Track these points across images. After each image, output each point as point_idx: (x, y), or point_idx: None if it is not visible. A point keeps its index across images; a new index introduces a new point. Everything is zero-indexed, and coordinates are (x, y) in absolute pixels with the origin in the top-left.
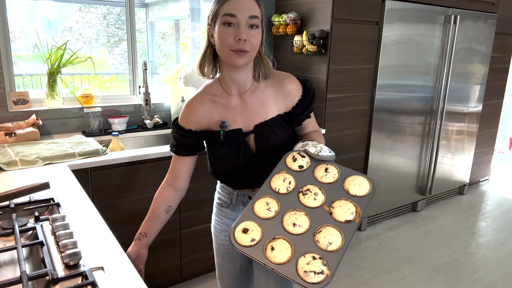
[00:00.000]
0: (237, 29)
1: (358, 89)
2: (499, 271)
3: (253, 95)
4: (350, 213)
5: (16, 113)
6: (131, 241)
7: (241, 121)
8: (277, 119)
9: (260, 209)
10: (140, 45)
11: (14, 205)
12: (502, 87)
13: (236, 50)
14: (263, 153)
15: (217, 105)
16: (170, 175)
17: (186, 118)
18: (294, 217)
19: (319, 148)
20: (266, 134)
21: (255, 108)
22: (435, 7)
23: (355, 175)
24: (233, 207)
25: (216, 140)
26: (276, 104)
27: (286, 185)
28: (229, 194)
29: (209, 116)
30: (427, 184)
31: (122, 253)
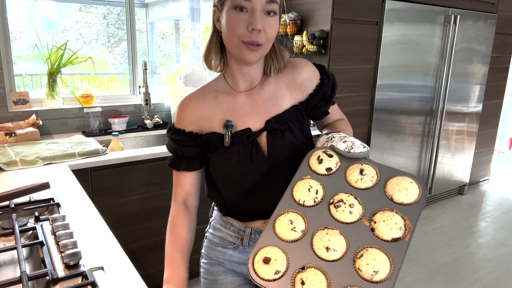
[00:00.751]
0: (251, 16)
1: (358, 89)
2: (499, 271)
3: (263, 90)
4: (398, 229)
5: (16, 113)
6: (131, 241)
7: (250, 120)
8: (292, 111)
9: (283, 230)
10: (140, 45)
11: (14, 205)
12: (502, 87)
13: (248, 43)
14: (278, 155)
15: (220, 103)
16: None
17: (182, 118)
18: (326, 239)
19: (350, 143)
20: (280, 129)
21: (267, 104)
22: (435, 7)
23: (399, 176)
24: (243, 248)
25: (219, 145)
26: (290, 94)
27: (313, 195)
28: (238, 232)
29: (210, 116)
30: (427, 184)
31: (122, 253)
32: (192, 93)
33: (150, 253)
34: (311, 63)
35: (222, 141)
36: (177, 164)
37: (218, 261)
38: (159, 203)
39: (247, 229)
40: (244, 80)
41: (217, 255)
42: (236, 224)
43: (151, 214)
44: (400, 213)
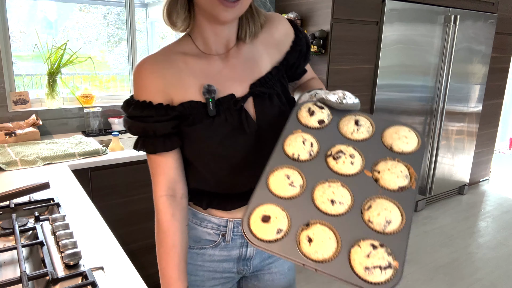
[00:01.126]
0: None
1: (358, 89)
2: (499, 271)
3: (240, 52)
4: (404, 177)
5: (16, 113)
6: (131, 241)
7: (232, 86)
8: (275, 73)
9: (279, 186)
10: (140, 45)
11: (14, 205)
12: (502, 87)
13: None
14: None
15: (192, 68)
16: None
17: (146, 87)
18: (330, 191)
19: (341, 94)
20: (268, 93)
21: (246, 67)
22: (435, 7)
23: (397, 126)
24: (226, 244)
25: (201, 116)
26: (268, 54)
27: (308, 148)
28: (218, 228)
29: (182, 82)
30: (427, 184)
31: (122, 253)
32: (153, 54)
33: (150, 253)
34: (284, 17)
35: (203, 111)
36: (150, 146)
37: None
38: None
39: (229, 224)
40: (218, 42)
41: (193, 257)
42: (214, 220)
43: (151, 214)
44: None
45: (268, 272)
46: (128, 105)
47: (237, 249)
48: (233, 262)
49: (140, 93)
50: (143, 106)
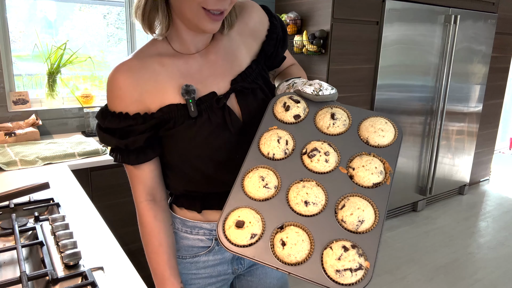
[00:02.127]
0: None
1: (358, 89)
2: (499, 271)
3: (217, 47)
4: (378, 173)
5: (16, 113)
6: (131, 241)
7: (212, 84)
8: (255, 67)
9: (254, 188)
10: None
11: (14, 205)
12: (502, 87)
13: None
14: (253, 117)
15: (169, 69)
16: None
17: (120, 97)
18: (304, 192)
19: (317, 85)
20: (250, 88)
21: (226, 62)
22: (435, 7)
23: (372, 117)
24: (219, 248)
25: (182, 118)
26: (245, 45)
27: (283, 146)
28: (210, 234)
29: (159, 86)
30: (427, 184)
31: (122, 253)
32: (127, 61)
33: None
34: (257, 4)
35: (184, 113)
36: (125, 158)
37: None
38: None
39: None
40: (196, 42)
41: (187, 267)
42: (206, 226)
43: None
44: (379, 156)
45: (261, 266)
46: (103, 116)
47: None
48: (227, 264)
49: (115, 103)
50: (120, 117)
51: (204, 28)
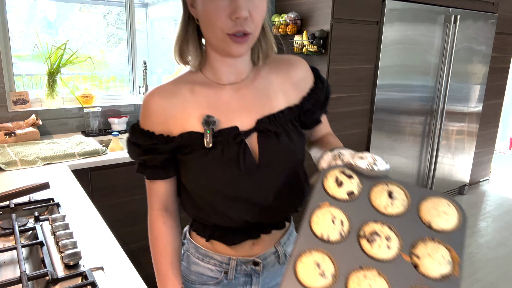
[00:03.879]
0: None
1: (358, 89)
2: (499, 271)
3: (253, 85)
4: (446, 263)
5: (16, 113)
6: (131, 241)
7: (237, 119)
8: (287, 113)
9: (309, 276)
10: (140, 45)
11: (14, 205)
12: (502, 87)
13: (233, 35)
14: (271, 162)
15: (197, 98)
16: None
17: (148, 117)
18: (366, 284)
19: (370, 159)
20: (276, 132)
21: (257, 101)
22: (435, 7)
23: (433, 198)
24: (229, 282)
25: (198, 147)
26: (283, 93)
27: (338, 227)
28: (220, 266)
29: (184, 112)
30: (427, 184)
31: (122, 253)
32: (161, 85)
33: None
34: (306, 63)
35: (201, 142)
36: (146, 172)
37: None
38: None
39: (231, 261)
40: (229, 73)
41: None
42: (217, 257)
43: None
44: (444, 243)
45: None
46: (133, 131)
47: (241, 287)
48: None
49: (144, 122)
50: (146, 135)
51: (230, 51)
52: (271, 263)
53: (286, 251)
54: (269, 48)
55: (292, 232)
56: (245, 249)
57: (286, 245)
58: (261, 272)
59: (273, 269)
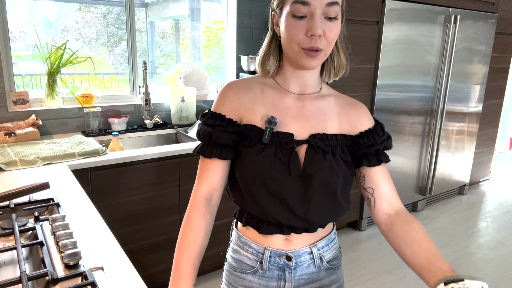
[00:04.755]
0: (309, 20)
1: (358, 89)
2: (499, 271)
3: (315, 102)
4: None
5: (16, 113)
6: (131, 241)
7: (294, 126)
8: (340, 138)
9: None
10: (140, 45)
11: (14, 205)
12: (502, 87)
13: (308, 49)
14: (313, 175)
15: (266, 98)
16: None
17: (224, 103)
18: None
19: None
20: (324, 150)
21: (315, 117)
22: (435, 7)
23: None
24: (263, 273)
25: (256, 140)
26: (339, 124)
27: None
28: (257, 255)
29: (253, 107)
30: (427, 184)
31: (122, 253)
32: (238, 80)
33: (150, 253)
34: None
35: (260, 137)
36: (208, 151)
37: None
38: (159, 203)
39: (266, 252)
40: (297, 84)
41: (236, 280)
42: (254, 246)
43: (151, 214)
44: None
45: None
46: (205, 115)
47: (275, 281)
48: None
49: (218, 107)
50: (217, 116)
51: (303, 64)
52: (306, 262)
53: (324, 256)
54: (340, 67)
55: (333, 240)
56: (279, 243)
57: (324, 250)
58: (293, 268)
59: (308, 270)
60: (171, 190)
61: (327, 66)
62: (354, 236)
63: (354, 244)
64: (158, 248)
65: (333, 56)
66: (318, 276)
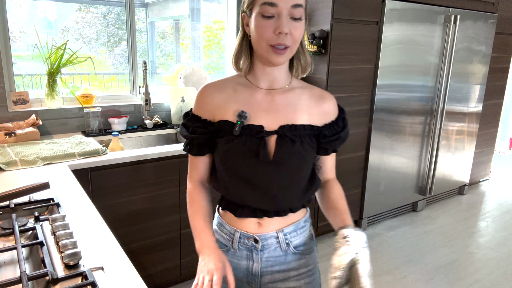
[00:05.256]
0: (277, 20)
1: (358, 89)
2: (499, 271)
3: (285, 95)
4: None
5: (16, 113)
6: (131, 241)
7: (265, 119)
8: (308, 128)
9: None
10: (140, 45)
11: (14, 205)
12: (502, 87)
13: (275, 46)
14: (282, 161)
15: (238, 95)
16: (195, 176)
17: (200, 105)
18: None
19: None
20: (292, 139)
21: (284, 109)
22: (435, 7)
23: None
24: (234, 252)
25: (228, 133)
26: (309, 114)
27: None
28: (229, 235)
29: (226, 105)
30: (427, 184)
31: (122, 253)
32: (213, 82)
33: (150, 253)
34: (335, 101)
35: (231, 130)
36: (189, 149)
37: None
38: (159, 203)
39: (236, 233)
40: (266, 80)
41: None
42: (227, 228)
43: (151, 214)
44: None
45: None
46: (186, 115)
47: (245, 260)
48: (243, 273)
49: (196, 108)
50: (195, 119)
51: (271, 60)
52: (272, 246)
53: (291, 242)
54: (307, 64)
55: (302, 227)
56: (250, 226)
57: (291, 236)
58: (259, 250)
59: (275, 253)
60: (171, 190)
61: (295, 64)
62: None
63: None
64: (158, 248)
65: (299, 55)
66: (285, 260)
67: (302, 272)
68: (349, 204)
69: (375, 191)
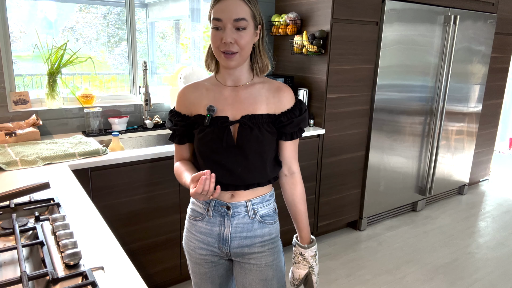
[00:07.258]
0: (223, 32)
1: (358, 89)
2: (499, 271)
3: (247, 90)
4: None
5: (16, 113)
6: (131, 241)
7: (230, 111)
8: (265, 117)
9: None
10: (140, 45)
11: (14, 205)
12: (502, 87)
13: (224, 52)
14: (244, 145)
15: (209, 93)
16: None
17: (179, 103)
18: None
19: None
20: (250, 126)
21: (246, 102)
22: (435, 7)
23: None
24: (209, 218)
25: (202, 124)
26: (267, 104)
27: None
28: (205, 204)
29: (199, 101)
30: (427, 184)
31: (122, 253)
32: (190, 84)
33: (150, 253)
34: (293, 93)
35: (203, 122)
36: (173, 139)
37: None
38: (159, 203)
39: (211, 202)
40: (230, 79)
41: (191, 226)
42: None
43: (151, 214)
44: None
45: (247, 263)
46: (171, 111)
47: (217, 226)
48: (215, 239)
49: (176, 106)
50: (176, 114)
51: (224, 64)
52: (241, 213)
53: (258, 211)
54: (264, 66)
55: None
56: (224, 197)
57: (258, 206)
58: (230, 216)
59: (244, 220)
60: (171, 190)
61: (254, 65)
62: (354, 236)
63: (354, 244)
64: (158, 248)
65: (256, 58)
66: (252, 227)
67: (266, 239)
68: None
69: (375, 191)
